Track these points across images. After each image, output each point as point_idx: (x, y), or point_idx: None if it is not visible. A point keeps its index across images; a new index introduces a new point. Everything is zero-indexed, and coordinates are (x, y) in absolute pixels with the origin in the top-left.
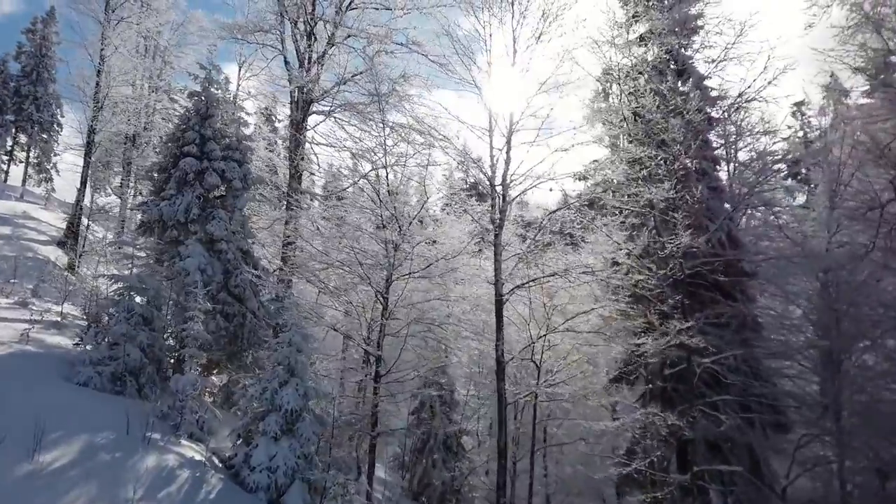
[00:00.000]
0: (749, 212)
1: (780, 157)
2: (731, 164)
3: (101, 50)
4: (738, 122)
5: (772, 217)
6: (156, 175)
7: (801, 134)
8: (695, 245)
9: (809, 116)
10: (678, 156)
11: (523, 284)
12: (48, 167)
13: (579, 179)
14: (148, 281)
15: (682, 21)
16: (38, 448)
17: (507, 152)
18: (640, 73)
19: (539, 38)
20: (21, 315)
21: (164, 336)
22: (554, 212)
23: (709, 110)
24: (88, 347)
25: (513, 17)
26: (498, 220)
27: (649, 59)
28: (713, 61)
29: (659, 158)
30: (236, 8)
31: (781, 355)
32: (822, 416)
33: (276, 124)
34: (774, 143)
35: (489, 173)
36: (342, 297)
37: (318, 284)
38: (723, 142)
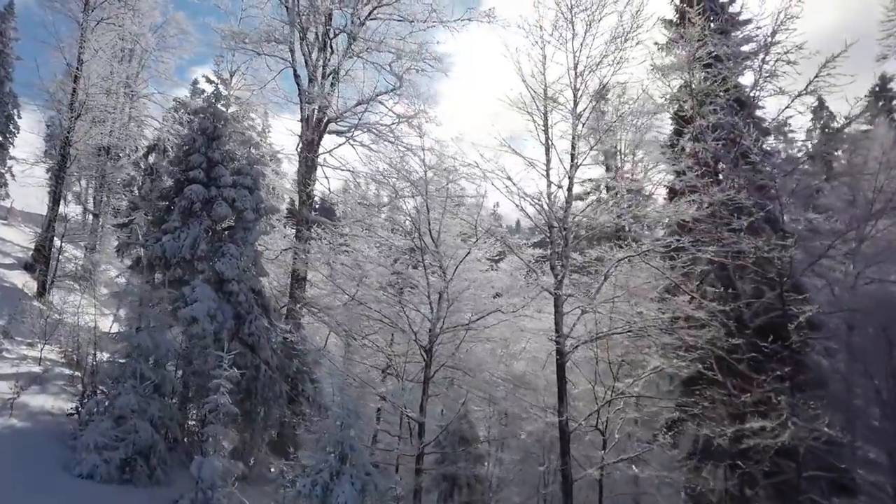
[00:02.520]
0: None
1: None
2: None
3: (80, 53)
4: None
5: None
6: (156, 202)
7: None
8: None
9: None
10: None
11: (589, 341)
12: (2, 171)
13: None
14: (157, 337)
15: (740, 46)
16: None
17: (569, 189)
18: (687, 100)
19: (612, 61)
20: None
21: (174, 400)
22: (621, 260)
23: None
24: (86, 415)
25: (574, 36)
26: (559, 269)
27: (694, 86)
28: (795, 95)
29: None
30: (229, 12)
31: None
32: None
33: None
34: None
35: (547, 212)
36: (366, 343)
37: (335, 328)
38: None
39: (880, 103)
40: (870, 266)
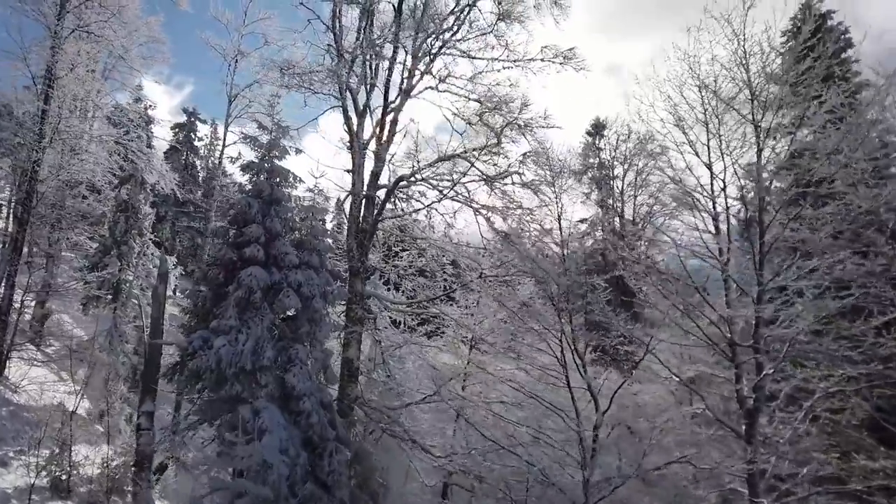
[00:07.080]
0: None
1: None
2: None
3: (52, 67)
4: None
5: None
6: (196, 288)
7: None
8: None
9: None
10: None
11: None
12: None
13: None
14: None
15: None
16: None
17: (761, 294)
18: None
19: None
20: None
21: None
22: (828, 394)
23: None
24: None
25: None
26: (751, 403)
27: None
28: None
29: None
30: (231, 28)
31: None
32: None
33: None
34: None
35: (724, 322)
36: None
37: (398, 433)
38: None
39: None
40: None
